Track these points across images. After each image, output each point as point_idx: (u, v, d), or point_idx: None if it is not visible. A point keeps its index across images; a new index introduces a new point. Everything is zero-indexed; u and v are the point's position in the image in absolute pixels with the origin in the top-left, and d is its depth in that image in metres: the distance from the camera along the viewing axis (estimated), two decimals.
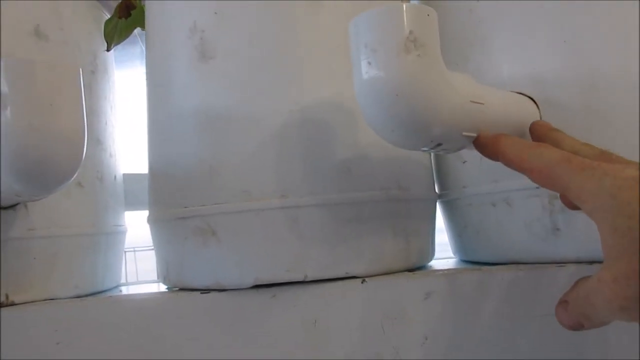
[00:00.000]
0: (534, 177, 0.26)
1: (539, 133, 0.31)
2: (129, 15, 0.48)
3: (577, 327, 0.25)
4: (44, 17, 0.42)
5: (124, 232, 0.49)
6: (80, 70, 0.30)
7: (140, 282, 0.61)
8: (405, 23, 0.27)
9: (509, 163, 0.27)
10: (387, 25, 0.27)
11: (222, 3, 0.36)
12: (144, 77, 0.44)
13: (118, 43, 0.49)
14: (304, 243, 0.34)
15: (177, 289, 0.39)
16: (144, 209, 0.53)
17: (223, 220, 0.34)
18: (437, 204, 0.43)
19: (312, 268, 0.34)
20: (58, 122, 0.28)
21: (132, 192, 0.52)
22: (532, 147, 0.26)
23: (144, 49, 0.77)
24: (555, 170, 0.24)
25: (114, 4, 0.55)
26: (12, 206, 0.38)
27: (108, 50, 0.48)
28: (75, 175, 0.30)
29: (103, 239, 0.45)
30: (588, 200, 0.23)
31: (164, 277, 0.39)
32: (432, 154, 0.43)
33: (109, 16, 0.50)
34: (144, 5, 0.48)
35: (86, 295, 0.42)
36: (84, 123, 0.29)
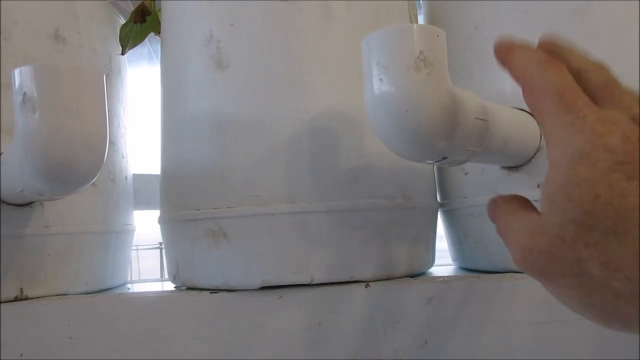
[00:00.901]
0: (526, 99, 0.24)
1: (544, 47, 0.26)
2: (144, 20, 0.50)
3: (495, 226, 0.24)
4: (63, 21, 0.44)
5: (132, 231, 0.50)
6: (104, 75, 0.31)
7: (143, 280, 0.62)
8: (416, 43, 0.28)
9: (514, 77, 0.25)
10: (399, 45, 0.28)
11: (238, 15, 0.38)
12: (158, 79, 0.45)
13: (132, 47, 0.51)
14: (311, 247, 0.35)
15: (185, 287, 0.41)
16: (151, 208, 0.54)
17: (234, 223, 0.36)
18: (439, 212, 0.44)
19: (318, 271, 0.35)
20: (83, 126, 0.29)
21: (141, 192, 0.53)
22: (540, 65, 0.23)
23: (151, 50, 0.79)
24: (540, 101, 0.22)
25: (123, 6, 0.56)
26: (29, 204, 0.39)
27: (123, 53, 0.50)
28: (97, 176, 0.31)
29: (113, 238, 0.46)
30: (550, 149, 0.21)
31: (173, 275, 0.41)
32: (435, 165, 0.44)
33: (123, 20, 0.51)
34: (158, 11, 0.50)
35: (95, 292, 0.43)
36: (106, 127, 0.31)
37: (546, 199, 0.21)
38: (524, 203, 0.24)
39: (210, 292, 0.37)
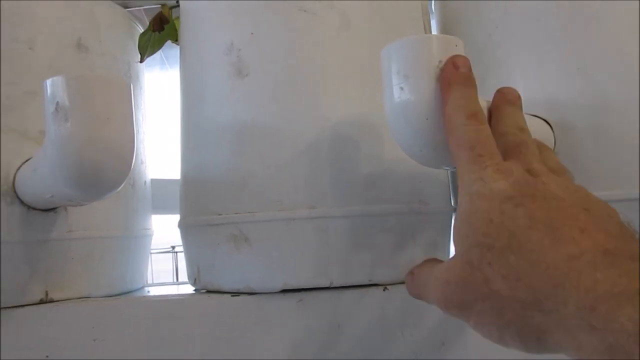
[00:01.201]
0: (449, 144, 0.27)
1: (495, 101, 0.30)
2: (162, 29, 0.51)
3: (418, 298, 0.28)
4: (85, 30, 0.45)
5: (150, 236, 0.51)
6: (131, 85, 0.32)
7: (157, 283, 0.63)
8: (436, 52, 0.29)
9: (444, 121, 0.27)
10: (419, 54, 0.29)
11: (259, 25, 0.39)
12: (170, 84, 0.46)
13: (150, 55, 0.52)
14: (331, 251, 0.36)
15: (204, 290, 0.42)
16: (167, 213, 0.55)
17: (255, 227, 0.37)
18: (453, 217, 0.45)
19: (337, 275, 0.36)
20: (113, 134, 0.30)
21: (157, 196, 0.54)
22: (464, 114, 0.26)
23: (163, 56, 0.80)
24: (457, 150, 0.26)
25: (137, 14, 0.57)
26: (53, 209, 0.40)
27: (141, 61, 0.51)
28: (125, 183, 0.32)
29: (133, 242, 0.47)
30: (460, 192, 0.25)
31: (194, 279, 0.42)
32: (449, 171, 0.45)
33: (140, 28, 0.52)
34: (175, 19, 0.51)
35: (116, 295, 0.44)
36: (134, 135, 0.32)
37: (454, 232, 0.25)
38: (437, 260, 0.28)
39: (232, 295, 0.38)
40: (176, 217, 0.60)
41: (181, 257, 0.75)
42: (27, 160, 0.39)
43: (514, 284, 0.22)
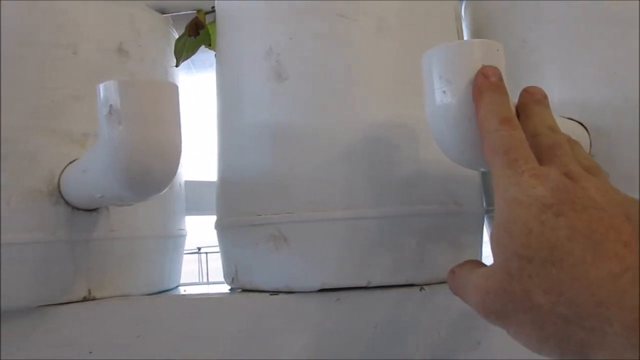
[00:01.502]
0: (484, 150, 0.27)
1: (522, 100, 0.30)
2: (198, 34, 0.52)
3: (459, 297, 0.28)
4: (126, 35, 0.46)
5: (185, 236, 0.52)
6: (178, 87, 0.33)
7: (188, 283, 0.64)
8: (478, 57, 0.30)
9: (478, 126, 0.28)
10: (461, 59, 0.30)
11: (297, 29, 0.40)
12: (214, 89, 0.47)
13: (185, 59, 0.53)
14: (368, 251, 0.37)
15: (239, 290, 0.42)
16: (199, 214, 0.57)
17: (294, 228, 0.38)
18: (485, 218, 0.46)
19: (374, 275, 0.37)
20: (163, 137, 0.31)
21: (189, 198, 0.56)
22: (496, 118, 0.27)
23: (189, 60, 0.82)
24: (491, 155, 0.26)
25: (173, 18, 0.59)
26: (96, 209, 0.41)
27: (177, 66, 0.52)
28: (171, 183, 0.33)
29: (170, 242, 0.48)
30: (496, 195, 0.25)
31: (231, 278, 0.42)
32: (481, 172, 0.46)
33: (174, 32, 0.54)
34: (209, 25, 0.52)
35: (153, 293, 0.45)
36: (181, 137, 0.33)
37: (493, 240, 0.24)
38: (478, 263, 0.28)
39: (270, 294, 0.38)
40: (202, 219, 0.61)
41: (207, 258, 0.76)
42: (72, 162, 0.40)
43: (556, 298, 0.21)
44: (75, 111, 0.42)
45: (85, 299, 0.41)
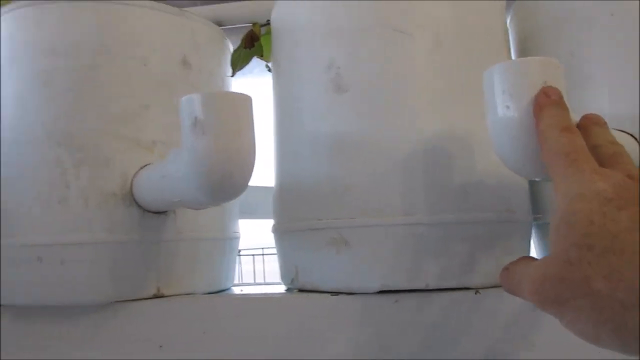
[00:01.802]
0: (543, 157, 0.28)
1: (581, 123, 0.31)
2: (253, 45, 0.54)
3: (511, 293, 0.29)
4: (188, 47, 0.49)
5: (239, 238, 0.55)
6: (252, 98, 0.36)
7: (243, 284, 0.67)
8: (539, 74, 0.31)
9: (537, 135, 0.29)
10: (524, 76, 0.32)
11: (357, 44, 0.42)
12: (273, 99, 0.50)
13: (239, 69, 0.56)
14: (425, 256, 0.39)
15: (296, 290, 0.45)
16: (250, 218, 0.59)
17: (355, 232, 0.40)
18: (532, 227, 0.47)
19: (432, 278, 0.39)
20: (242, 145, 0.34)
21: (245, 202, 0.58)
22: (557, 128, 0.28)
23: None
24: (552, 158, 0.27)
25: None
26: (164, 212, 0.44)
27: (232, 75, 0.55)
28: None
29: (227, 244, 0.50)
30: (557, 195, 0.25)
31: (290, 279, 0.45)
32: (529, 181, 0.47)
33: (228, 43, 0.56)
34: (263, 37, 0.55)
35: (214, 292, 0.48)
36: (255, 144, 0.35)
37: (552, 233, 0.25)
38: (532, 258, 0.29)
39: (331, 294, 0.41)
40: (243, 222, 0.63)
41: (244, 260, 0.78)
42: (143, 167, 0.43)
43: (615, 284, 0.22)
44: (144, 119, 0.45)
45: (155, 296, 0.44)
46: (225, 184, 0.34)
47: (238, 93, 0.35)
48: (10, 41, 0.46)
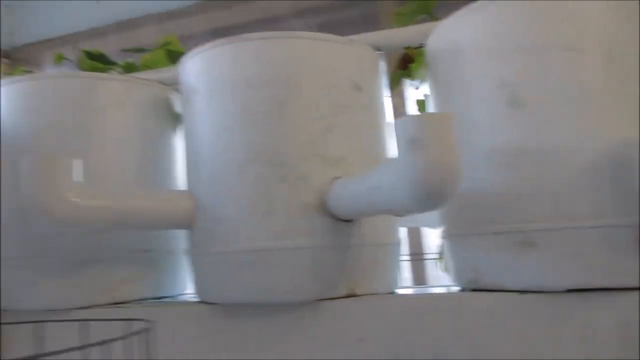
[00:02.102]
0: None
1: None
2: (407, 68, 0.59)
3: None
4: (357, 73, 0.54)
5: (400, 244, 0.59)
6: (453, 115, 0.40)
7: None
8: None
9: None
10: None
11: (529, 62, 0.45)
12: None
13: (394, 89, 0.61)
14: (614, 255, 0.42)
15: (469, 289, 0.48)
16: (411, 225, 0.63)
17: (543, 235, 0.43)
18: None
19: (622, 277, 0.41)
20: (452, 157, 0.38)
21: None
22: None
23: None
24: None
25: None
26: (351, 220, 0.49)
27: (390, 96, 0.60)
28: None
29: (396, 248, 0.55)
30: None
31: (468, 280, 0.49)
32: None
33: (383, 66, 0.61)
34: (417, 59, 0.59)
35: (387, 294, 0.52)
36: (459, 156, 0.40)
37: None
38: None
39: (520, 294, 0.44)
40: None
41: None
42: (335, 179, 0.49)
43: None
44: (329, 139, 0.50)
45: (348, 296, 0.49)
46: (438, 194, 0.38)
47: (442, 112, 0.39)
48: (207, 76, 0.54)
